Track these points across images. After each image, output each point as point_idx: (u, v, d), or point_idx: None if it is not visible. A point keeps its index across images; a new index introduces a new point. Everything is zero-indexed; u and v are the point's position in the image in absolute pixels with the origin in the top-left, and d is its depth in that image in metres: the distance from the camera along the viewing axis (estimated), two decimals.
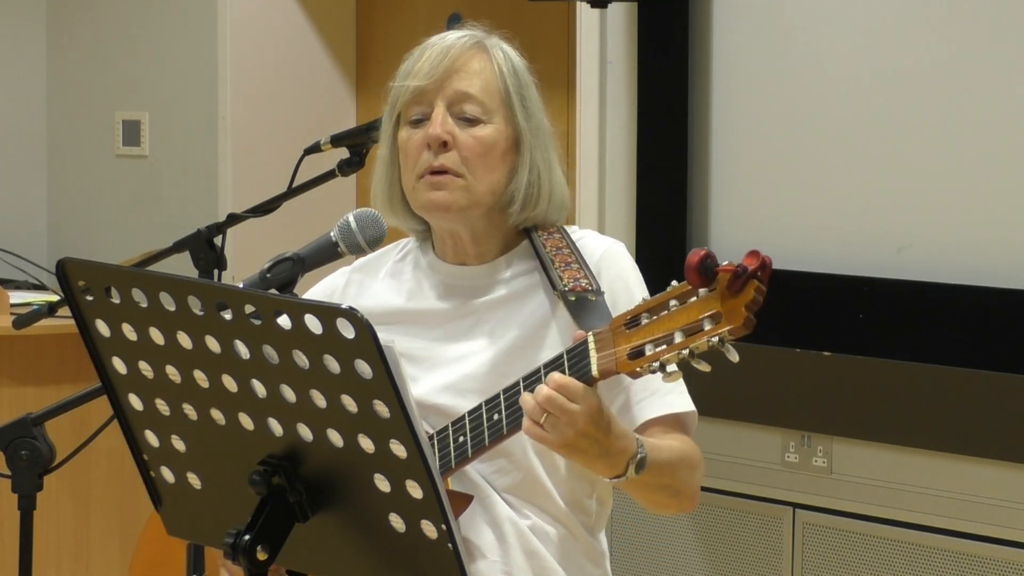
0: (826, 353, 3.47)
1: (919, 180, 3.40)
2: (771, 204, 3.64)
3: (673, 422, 2.12)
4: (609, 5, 3.74)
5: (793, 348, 3.49)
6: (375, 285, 2.29)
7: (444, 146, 2.13)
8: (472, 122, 2.15)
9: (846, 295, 3.46)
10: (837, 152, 3.52)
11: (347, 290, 2.31)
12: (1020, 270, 3.25)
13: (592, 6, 3.74)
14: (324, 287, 2.35)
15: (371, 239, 2.30)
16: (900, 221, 3.43)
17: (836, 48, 3.52)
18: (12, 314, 3.83)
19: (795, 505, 3.59)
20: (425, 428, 2.08)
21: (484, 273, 2.21)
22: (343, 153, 2.92)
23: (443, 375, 2.15)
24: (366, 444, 1.69)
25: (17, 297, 4.45)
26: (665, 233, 3.76)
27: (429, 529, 1.70)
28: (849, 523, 3.50)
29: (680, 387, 2.14)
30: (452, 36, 2.19)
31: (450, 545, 1.69)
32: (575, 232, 2.22)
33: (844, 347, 3.45)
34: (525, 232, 2.23)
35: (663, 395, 2.12)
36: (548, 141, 2.21)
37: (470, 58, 2.17)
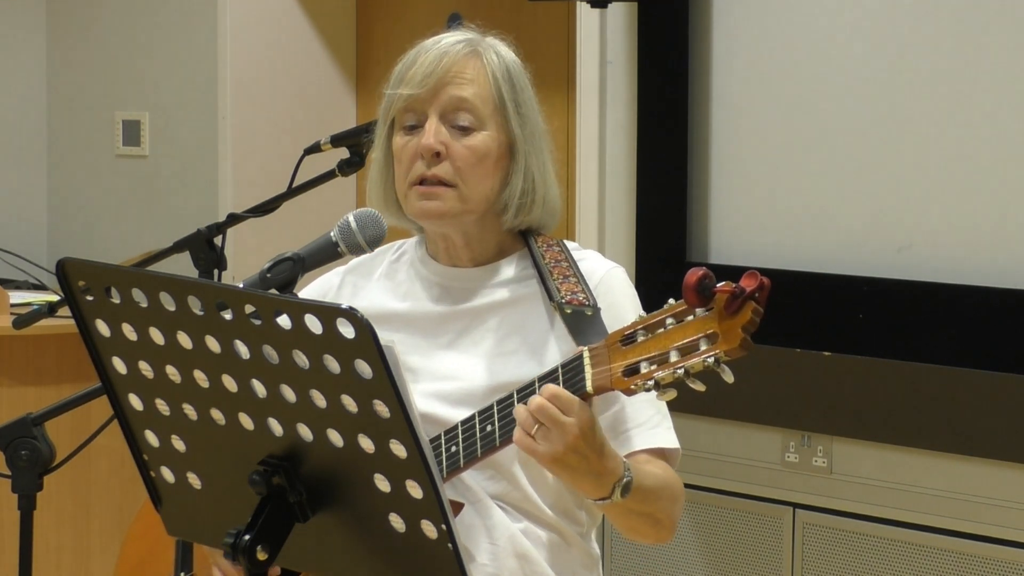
0: (826, 353, 3.47)
1: (919, 180, 3.40)
2: (771, 204, 3.64)
3: (658, 455, 2.11)
4: (609, 5, 3.74)
5: (793, 348, 3.49)
6: (369, 286, 2.29)
7: (437, 156, 2.13)
8: (465, 131, 2.14)
9: (846, 295, 3.46)
10: (837, 152, 3.52)
11: (341, 291, 2.31)
12: (1020, 270, 3.25)
13: (592, 6, 3.74)
14: (318, 287, 2.34)
15: (371, 239, 2.29)
16: (900, 221, 3.43)
17: (836, 48, 3.52)
18: (12, 314, 3.83)
19: (795, 505, 3.59)
20: None
21: (478, 275, 2.21)
22: (343, 153, 2.92)
23: (436, 383, 2.14)
24: (366, 444, 1.69)
25: (17, 297, 4.45)
26: (665, 233, 3.76)
27: (429, 529, 1.70)
28: (849, 523, 3.50)
29: (667, 423, 2.13)
30: (447, 41, 2.18)
31: (450, 545, 1.69)
32: (576, 250, 2.21)
33: (844, 347, 3.45)
34: (523, 238, 2.23)
35: (651, 428, 2.11)
36: (543, 144, 2.20)
37: (464, 66, 2.15)
